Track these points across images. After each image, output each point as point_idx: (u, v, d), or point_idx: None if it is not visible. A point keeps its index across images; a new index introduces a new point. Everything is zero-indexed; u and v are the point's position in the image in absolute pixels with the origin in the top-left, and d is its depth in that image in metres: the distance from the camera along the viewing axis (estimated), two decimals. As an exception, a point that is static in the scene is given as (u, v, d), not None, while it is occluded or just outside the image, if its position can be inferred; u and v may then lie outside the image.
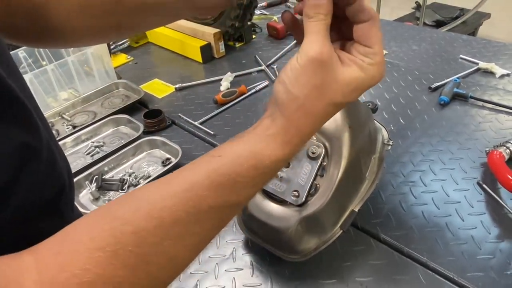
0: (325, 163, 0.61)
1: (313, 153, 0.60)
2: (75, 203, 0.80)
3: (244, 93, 1.18)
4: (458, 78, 1.13)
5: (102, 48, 1.24)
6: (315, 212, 0.59)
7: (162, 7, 0.54)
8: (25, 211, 0.37)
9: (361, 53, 0.39)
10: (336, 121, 0.63)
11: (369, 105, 0.90)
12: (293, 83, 0.38)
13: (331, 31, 0.39)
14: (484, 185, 0.79)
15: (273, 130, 0.38)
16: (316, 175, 0.60)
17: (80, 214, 0.62)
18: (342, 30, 0.43)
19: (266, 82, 1.23)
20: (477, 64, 1.19)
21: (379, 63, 0.39)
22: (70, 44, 0.70)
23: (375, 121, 0.77)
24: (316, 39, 0.37)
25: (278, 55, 1.39)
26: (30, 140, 0.37)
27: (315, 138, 0.63)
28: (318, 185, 0.60)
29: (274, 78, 1.26)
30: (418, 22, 2.89)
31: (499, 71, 1.15)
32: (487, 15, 3.14)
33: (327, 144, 0.62)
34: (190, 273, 0.69)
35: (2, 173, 0.33)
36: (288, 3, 1.85)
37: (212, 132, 1.03)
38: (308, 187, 0.59)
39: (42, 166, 0.39)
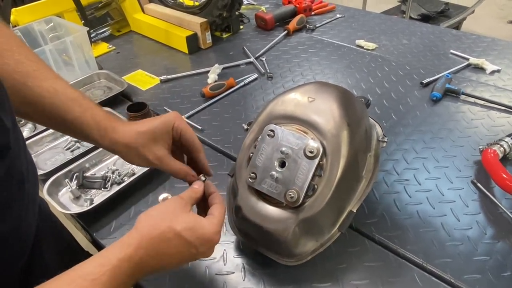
0: (322, 163, 0.58)
1: (311, 152, 0.57)
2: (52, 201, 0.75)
3: (233, 86, 1.14)
4: (449, 73, 1.12)
5: (82, 36, 1.17)
6: (313, 214, 0.56)
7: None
8: None
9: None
10: (334, 118, 0.60)
11: (361, 100, 0.88)
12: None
13: None
14: (479, 184, 0.78)
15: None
16: (314, 175, 0.57)
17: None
18: None
19: (255, 75, 1.19)
20: (468, 59, 1.18)
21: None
22: None
23: (369, 117, 0.75)
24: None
25: (267, 47, 1.35)
26: None
27: (312, 136, 0.59)
28: (316, 186, 0.57)
29: (263, 70, 1.22)
30: (404, 15, 2.89)
31: (489, 67, 1.14)
32: (471, 11, 3.17)
33: (324, 143, 0.59)
34: (178, 277, 0.65)
35: None
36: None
37: (200, 127, 0.99)
38: (305, 188, 0.56)
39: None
